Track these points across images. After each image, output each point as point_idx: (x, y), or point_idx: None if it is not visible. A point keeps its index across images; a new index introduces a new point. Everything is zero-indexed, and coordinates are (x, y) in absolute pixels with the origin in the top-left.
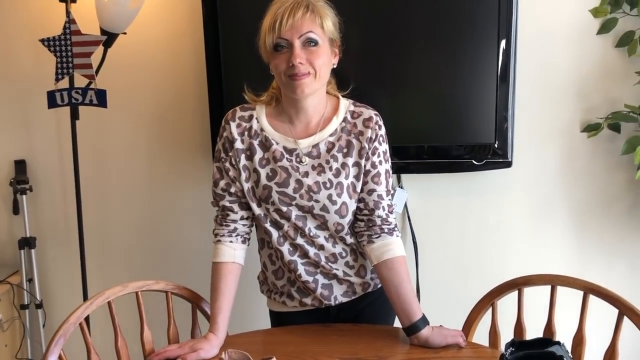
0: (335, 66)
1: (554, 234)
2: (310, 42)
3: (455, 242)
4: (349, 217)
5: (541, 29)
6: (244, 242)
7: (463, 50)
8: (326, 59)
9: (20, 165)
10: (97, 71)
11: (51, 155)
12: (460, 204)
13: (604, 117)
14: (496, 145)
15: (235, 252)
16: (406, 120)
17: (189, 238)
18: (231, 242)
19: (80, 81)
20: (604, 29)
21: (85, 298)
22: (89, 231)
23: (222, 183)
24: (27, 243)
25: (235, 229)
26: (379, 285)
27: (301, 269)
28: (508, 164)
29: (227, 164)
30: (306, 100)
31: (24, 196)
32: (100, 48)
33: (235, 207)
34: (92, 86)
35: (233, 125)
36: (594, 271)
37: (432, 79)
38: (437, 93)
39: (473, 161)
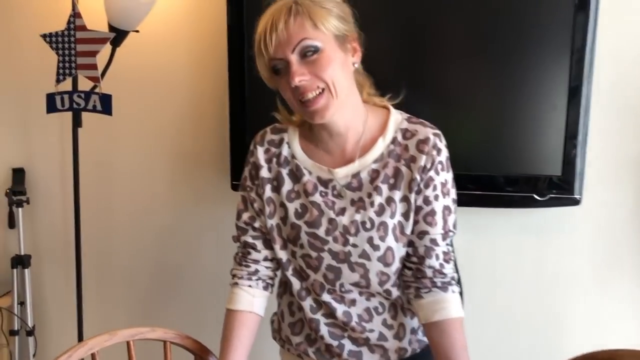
0: (357, 65)
1: (622, 288)
2: (309, 52)
3: (505, 290)
4: (397, 264)
5: (620, 48)
6: (265, 288)
7: (527, 65)
8: (337, 64)
9: (18, 174)
10: (103, 73)
11: (52, 164)
12: (513, 245)
13: None
14: (563, 179)
15: (254, 300)
16: (454, 143)
17: (201, 271)
18: (250, 286)
19: (84, 84)
20: None
21: (81, 327)
22: (88, 252)
23: (245, 215)
24: (20, 261)
25: (257, 271)
26: (417, 351)
27: (324, 330)
28: (576, 202)
29: (253, 194)
30: (334, 120)
31: (20, 209)
32: (108, 47)
33: (259, 244)
34: (96, 90)
35: (261, 150)
36: None
37: (487, 96)
38: (492, 113)
39: (535, 196)
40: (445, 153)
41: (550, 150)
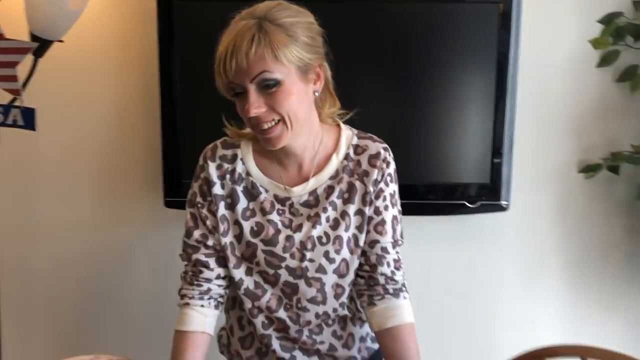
0: (317, 94)
1: (548, 289)
2: (268, 85)
3: (439, 295)
4: (351, 276)
5: (541, 61)
6: (216, 307)
7: (456, 78)
8: (295, 97)
9: None
10: (24, 85)
11: None
12: (447, 252)
13: (604, 158)
14: (491, 186)
15: (206, 320)
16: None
17: (133, 293)
18: (202, 306)
19: (3, 97)
20: (605, 61)
21: None
22: (5, 280)
23: (196, 233)
24: None
25: (209, 290)
26: (367, 358)
27: (276, 345)
28: (503, 208)
29: (205, 211)
30: (289, 144)
31: None
32: (30, 57)
33: (212, 262)
34: (16, 103)
35: (212, 165)
36: (590, 329)
37: (420, 110)
38: (424, 125)
39: (466, 203)
40: (393, 166)
41: (479, 160)
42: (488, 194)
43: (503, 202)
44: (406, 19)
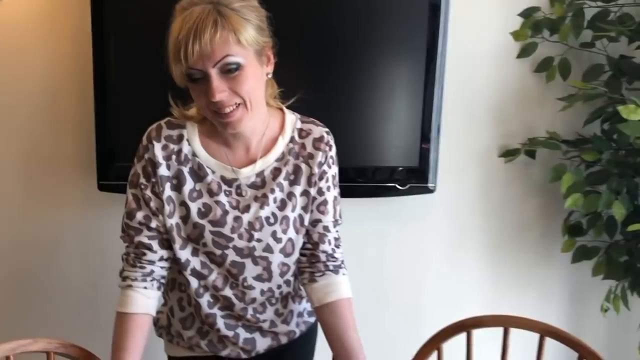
0: (270, 75)
1: (470, 265)
2: (231, 69)
3: (372, 273)
4: (296, 254)
5: (467, 50)
6: (159, 288)
7: (389, 66)
8: (255, 80)
9: None
10: None
11: None
12: (379, 232)
13: (522, 143)
14: (419, 169)
15: (149, 302)
16: None
17: (65, 279)
18: (145, 288)
19: None
20: (524, 52)
21: None
22: None
23: (139, 215)
24: None
25: (152, 271)
26: (304, 331)
27: (220, 323)
28: (431, 190)
29: (148, 192)
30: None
31: None
32: None
33: (155, 245)
34: None
35: (157, 146)
36: (508, 302)
37: (356, 96)
38: (358, 111)
39: (397, 185)
40: (334, 149)
41: (408, 145)
42: (417, 177)
43: (430, 185)
44: (339, 7)
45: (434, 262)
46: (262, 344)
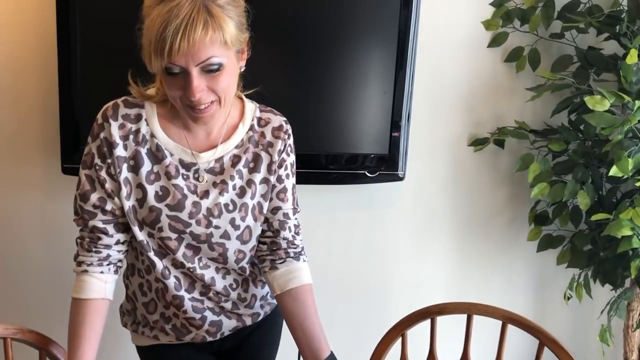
0: (243, 69)
1: (437, 252)
2: (212, 70)
3: (340, 260)
4: (253, 242)
5: (438, 38)
6: (115, 272)
7: (360, 54)
8: (231, 78)
9: None
10: None
11: None
12: (348, 219)
13: (491, 132)
14: (389, 157)
15: (106, 286)
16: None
17: (26, 262)
18: (102, 272)
19: None
20: (494, 42)
21: None
22: None
23: (93, 197)
24: None
25: (108, 256)
26: (269, 313)
27: (188, 305)
28: (400, 178)
29: (103, 173)
30: None
31: None
32: None
33: (110, 228)
34: None
35: (114, 125)
36: (473, 289)
37: (325, 84)
38: (328, 98)
39: (366, 173)
40: (292, 138)
41: (379, 132)
42: (386, 165)
43: (400, 172)
44: None
45: (402, 248)
46: (228, 325)
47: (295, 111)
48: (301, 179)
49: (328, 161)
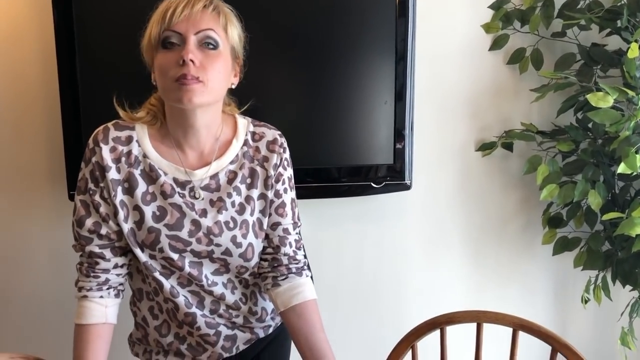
0: (234, 87)
1: (451, 260)
2: (209, 44)
3: (351, 274)
4: (255, 259)
5: (437, 45)
6: (117, 295)
7: (360, 67)
8: (223, 71)
9: None
10: None
11: None
12: (356, 231)
13: (498, 136)
14: (395, 167)
15: (107, 310)
16: (297, 140)
17: (34, 290)
18: (102, 297)
19: None
20: (496, 45)
21: None
22: None
23: (89, 222)
24: None
25: (107, 280)
26: (279, 324)
27: (201, 322)
28: (407, 187)
29: (97, 197)
30: (195, 114)
31: None
32: None
33: (107, 253)
34: None
35: (105, 148)
36: (489, 297)
37: (326, 96)
38: (330, 111)
39: (372, 184)
40: (288, 151)
41: (383, 142)
42: (392, 175)
43: (406, 182)
44: (308, 7)
45: (414, 259)
46: (242, 337)
47: (298, 125)
48: (308, 193)
49: (334, 174)
